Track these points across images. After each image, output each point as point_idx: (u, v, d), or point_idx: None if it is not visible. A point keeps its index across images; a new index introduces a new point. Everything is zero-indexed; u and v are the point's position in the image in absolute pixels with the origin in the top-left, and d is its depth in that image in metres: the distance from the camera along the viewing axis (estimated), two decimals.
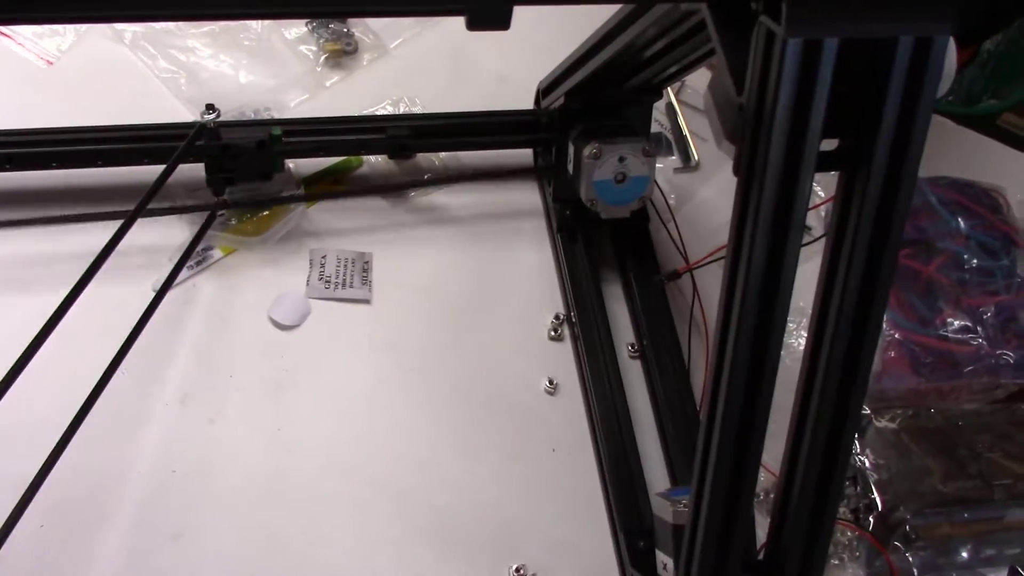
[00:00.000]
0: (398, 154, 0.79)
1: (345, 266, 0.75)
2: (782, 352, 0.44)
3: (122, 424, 0.67)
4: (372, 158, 0.81)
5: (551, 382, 0.72)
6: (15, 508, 0.56)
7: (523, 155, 0.83)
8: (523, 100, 0.82)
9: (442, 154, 0.82)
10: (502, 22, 0.45)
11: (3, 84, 0.81)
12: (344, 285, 0.75)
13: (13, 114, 0.76)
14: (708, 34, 0.45)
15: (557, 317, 0.75)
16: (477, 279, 0.78)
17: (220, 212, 0.74)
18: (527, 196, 0.82)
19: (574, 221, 0.77)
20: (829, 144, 0.42)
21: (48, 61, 0.83)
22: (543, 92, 0.80)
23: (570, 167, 0.75)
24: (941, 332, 0.73)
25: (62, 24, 0.82)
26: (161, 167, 0.71)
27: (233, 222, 0.75)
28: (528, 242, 0.80)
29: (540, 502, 0.68)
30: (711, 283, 0.75)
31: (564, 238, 0.77)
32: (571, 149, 0.74)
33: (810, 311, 0.46)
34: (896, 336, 0.72)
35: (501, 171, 0.83)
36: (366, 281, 0.75)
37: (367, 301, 0.75)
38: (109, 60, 0.84)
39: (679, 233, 0.78)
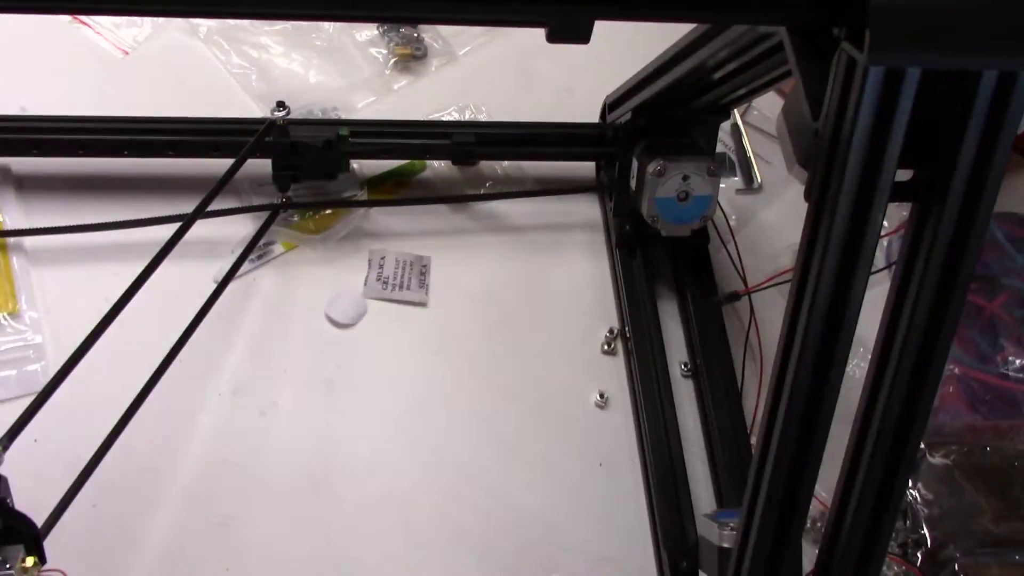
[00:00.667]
0: (462, 160, 0.80)
1: (403, 268, 0.76)
2: None
3: (177, 410, 0.68)
4: (436, 163, 0.81)
5: (602, 396, 0.72)
6: (71, 487, 0.57)
7: (586, 168, 0.83)
8: (588, 113, 0.82)
9: (505, 162, 0.82)
10: (582, 36, 0.45)
11: (80, 71, 0.83)
12: (401, 287, 0.75)
13: (88, 101, 0.77)
14: (784, 57, 0.45)
15: (611, 331, 0.75)
16: (533, 288, 0.78)
17: (284, 209, 0.75)
18: (587, 209, 0.82)
19: (633, 237, 0.77)
20: (903, 174, 0.42)
21: (124, 51, 0.85)
22: (609, 107, 0.80)
23: (633, 183, 0.75)
24: (1002, 370, 0.72)
25: (141, 16, 0.83)
26: (230, 160, 0.73)
27: (296, 219, 0.76)
28: (586, 255, 0.80)
29: (584, 515, 0.68)
30: (769, 307, 0.75)
31: (623, 253, 0.77)
32: (635, 165, 0.74)
33: (866, 340, 0.45)
34: (955, 371, 0.71)
35: (563, 183, 0.83)
36: (423, 284, 0.76)
37: (423, 304, 0.75)
38: (183, 53, 0.85)
39: (739, 255, 0.78)
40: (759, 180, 0.85)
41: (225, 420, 0.69)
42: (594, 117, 0.82)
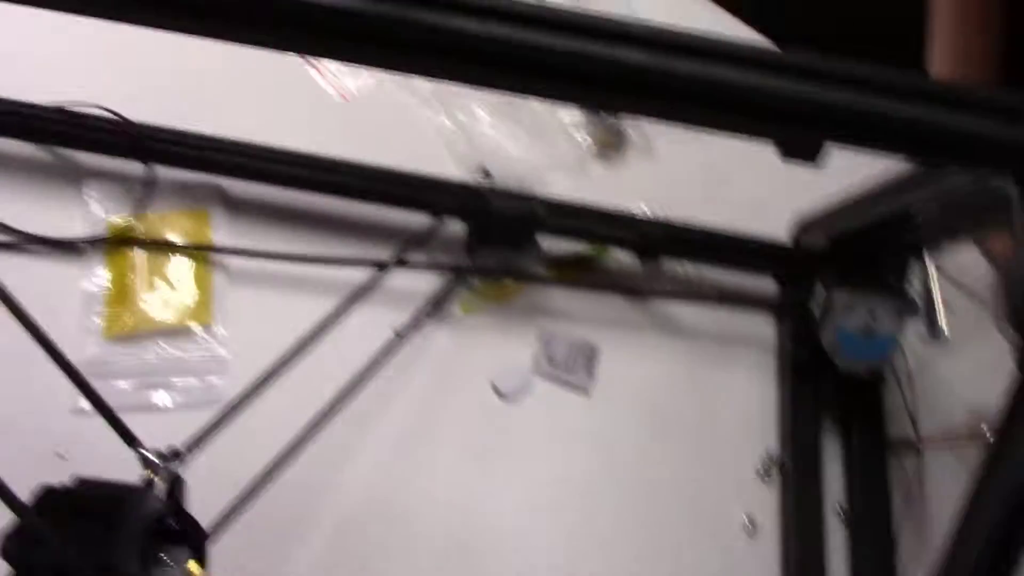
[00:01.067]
0: (646, 256, 0.80)
1: (573, 352, 0.77)
2: None
3: (336, 452, 0.70)
4: (619, 253, 0.82)
5: (751, 521, 0.71)
6: (225, 513, 0.59)
7: (768, 283, 0.83)
8: (777, 227, 0.82)
9: (687, 264, 0.83)
10: (812, 158, 0.45)
11: (301, 110, 0.87)
12: (568, 370, 0.76)
13: (306, 138, 0.81)
14: (1002, 206, 0.44)
15: (769, 456, 0.74)
16: (695, 395, 0.78)
17: (469, 273, 0.77)
18: (763, 325, 0.82)
19: (807, 364, 0.76)
20: None
21: (345, 97, 0.89)
22: (802, 228, 0.80)
23: (816, 310, 0.74)
24: None
25: (367, 68, 0.87)
26: (427, 215, 0.76)
27: (478, 284, 0.78)
28: (754, 372, 0.79)
29: None
30: (938, 466, 0.73)
31: (793, 379, 0.76)
32: (821, 292, 0.73)
33: None
34: None
35: (742, 295, 0.83)
36: (589, 371, 0.76)
37: (586, 391, 0.76)
38: (399, 107, 0.89)
39: (914, 404, 0.76)
40: (945, 330, 0.83)
41: (379, 469, 0.70)
42: (783, 232, 0.82)
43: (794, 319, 0.78)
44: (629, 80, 0.42)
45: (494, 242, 0.77)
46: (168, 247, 0.76)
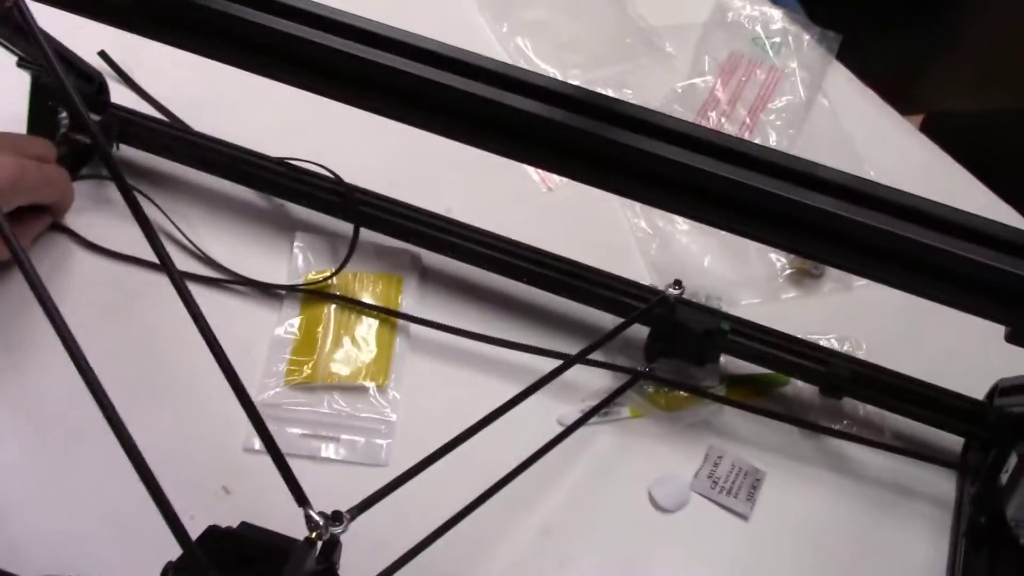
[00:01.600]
0: (829, 391, 0.78)
1: (737, 474, 0.75)
2: None
3: (483, 532, 0.70)
4: (799, 383, 0.80)
5: None
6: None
7: (952, 439, 0.79)
8: (969, 384, 0.78)
9: (869, 406, 0.80)
10: None
11: (504, 193, 0.90)
12: (729, 492, 0.74)
13: (505, 221, 0.83)
14: None
15: None
16: (858, 542, 0.74)
17: (645, 377, 0.77)
18: (942, 482, 0.77)
19: (986, 533, 0.72)
20: None
21: (549, 187, 0.91)
22: (1001, 391, 0.76)
23: (1004, 477, 0.70)
24: None
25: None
26: (611, 315, 0.76)
27: (651, 390, 0.77)
28: (925, 528, 0.75)
29: None
30: None
31: (968, 545, 0.72)
32: (1014, 460, 0.69)
33: None
34: None
35: (924, 447, 0.79)
36: (751, 497, 0.74)
37: (745, 517, 0.74)
38: (598, 204, 0.90)
39: None
40: None
41: (523, 556, 0.70)
42: (976, 387, 0.78)
43: (979, 483, 0.73)
44: (852, 240, 0.42)
45: (675, 351, 0.76)
46: (360, 306, 0.78)
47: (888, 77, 1.11)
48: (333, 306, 0.79)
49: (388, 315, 0.78)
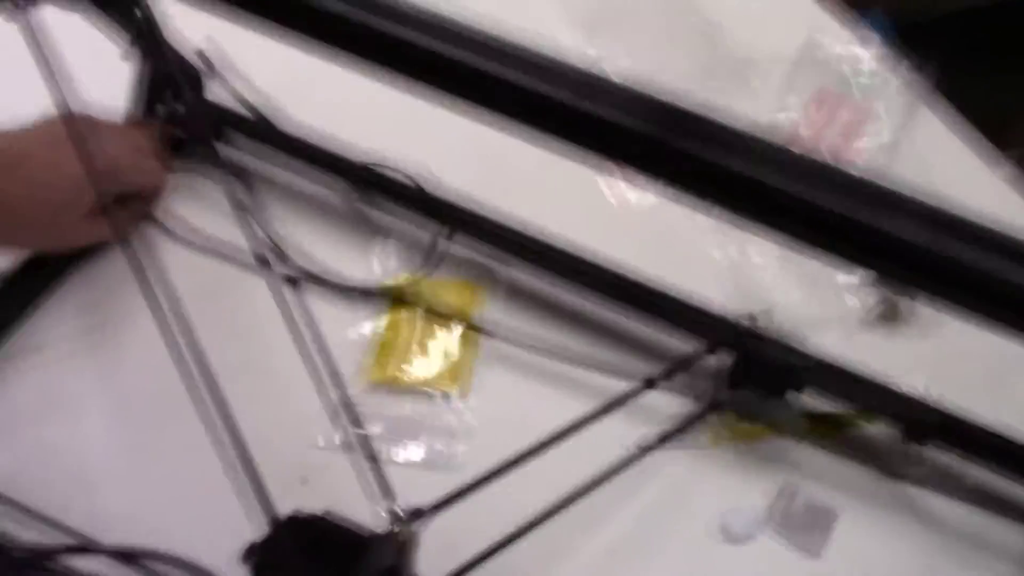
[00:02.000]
0: (910, 436, 0.76)
1: (810, 512, 0.74)
2: None
3: (549, 547, 0.70)
4: (879, 425, 0.79)
5: None
6: None
7: None
8: None
9: (950, 454, 0.78)
10: None
11: (587, 213, 0.90)
12: (802, 529, 0.73)
13: (586, 241, 0.83)
14: None
15: None
16: None
17: (723, 406, 0.76)
18: (1017, 539, 0.75)
19: None
20: None
21: (623, 206, 0.91)
22: None
23: None
24: None
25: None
26: (691, 342, 0.76)
27: (727, 420, 0.77)
28: None
29: None
30: None
31: None
32: None
33: None
34: None
35: (1003, 503, 0.77)
36: (823, 536, 0.73)
37: (815, 555, 0.72)
38: (681, 227, 0.90)
39: None
40: None
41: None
42: None
43: None
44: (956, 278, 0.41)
45: (755, 383, 0.75)
46: (443, 313, 0.79)
47: (988, 112, 1.09)
48: (415, 311, 0.79)
49: (470, 324, 0.79)
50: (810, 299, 0.87)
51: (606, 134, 0.47)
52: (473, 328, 0.79)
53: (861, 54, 1.08)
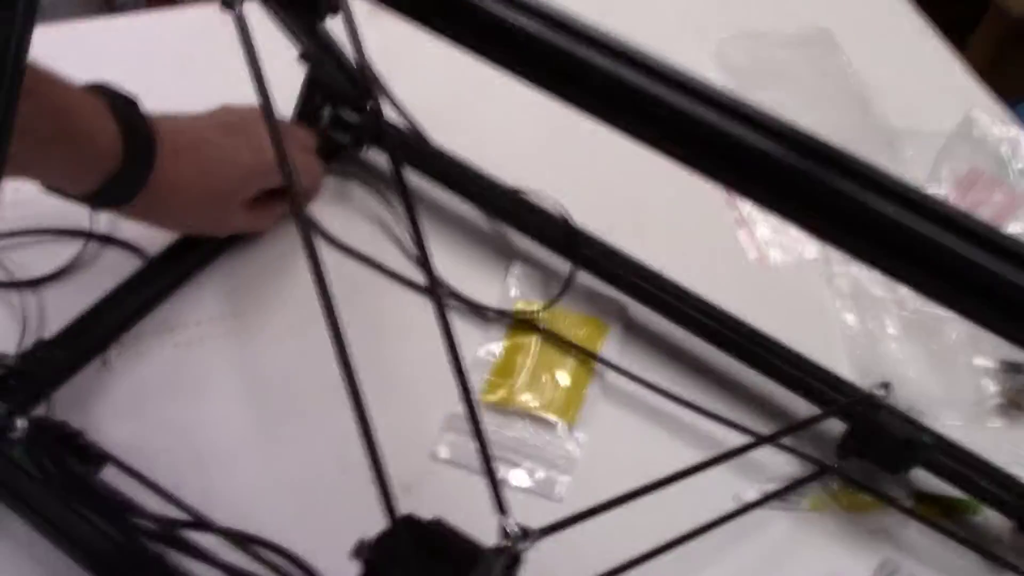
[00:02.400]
0: None
1: None
2: None
3: None
4: (993, 513, 0.77)
5: None
6: None
7: None
8: None
9: None
10: None
11: (718, 262, 0.91)
12: None
13: (711, 289, 0.83)
14: None
15: None
16: None
17: (833, 473, 0.75)
18: None
19: None
20: None
21: (762, 262, 0.91)
22: None
23: None
24: None
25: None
26: (807, 404, 0.76)
27: (836, 487, 0.76)
28: None
29: None
30: None
31: None
32: None
33: None
34: None
35: None
36: None
37: None
38: (816, 287, 0.90)
39: None
40: None
41: None
42: None
43: None
44: None
45: (869, 454, 0.75)
46: (564, 343, 0.80)
47: None
48: (537, 338, 0.81)
49: (588, 357, 0.80)
50: (941, 377, 0.85)
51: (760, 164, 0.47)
52: (592, 358, 0.80)
53: (1020, 138, 1.06)
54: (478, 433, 0.52)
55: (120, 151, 0.67)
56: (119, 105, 0.67)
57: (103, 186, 0.67)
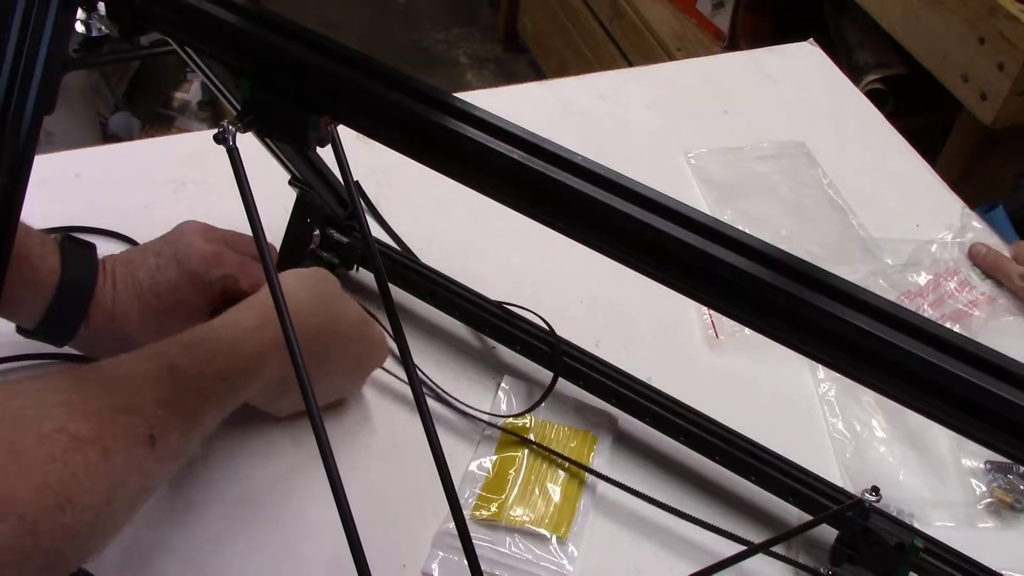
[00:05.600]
0: None
1: None
2: None
3: None
4: None
5: None
6: None
7: None
8: None
9: None
10: None
11: (677, 339, 0.93)
12: None
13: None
14: None
15: None
16: None
17: None
18: None
19: None
20: None
21: (717, 335, 0.93)
22: None
23: None
24: None
25: None
26: (798, 511, 0.76)
27: None
28: None
29: None
30: None
31: None
32: None
33: None
34: None
35: None
36: None
37: None
38: (793, 386, 0.91)
39: None
40: None
41: None
42: None
43: None
44: None
45: (861, 559, 0.74)
46: (555, 456, 0.81)
47: None
48: (527, 451, 0.81)
49: (579, 469, 0.80)
50: (930, 479, 0.85)
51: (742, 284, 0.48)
52: (582, 474, 0.80)
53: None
54: (469, 552, 0.52)
55: (57, 280, 0.72)
56: (66, 243, 0.74)
57: (47, 314, 0.72)
